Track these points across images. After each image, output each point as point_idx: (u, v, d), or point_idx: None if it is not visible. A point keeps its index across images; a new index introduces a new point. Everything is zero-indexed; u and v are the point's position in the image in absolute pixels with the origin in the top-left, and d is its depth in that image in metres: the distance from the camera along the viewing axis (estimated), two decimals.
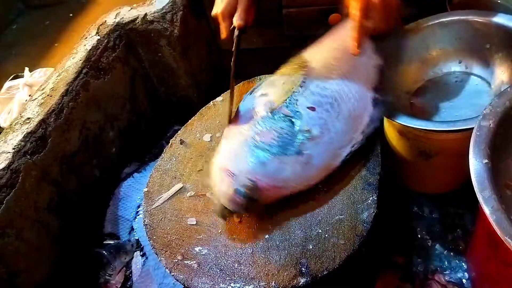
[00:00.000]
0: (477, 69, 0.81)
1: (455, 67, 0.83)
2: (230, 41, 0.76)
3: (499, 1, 0.89)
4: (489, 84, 0.79)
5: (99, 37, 0.98)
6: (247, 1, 0.74)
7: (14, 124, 0.82)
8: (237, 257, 0.61)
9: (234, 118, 0.70)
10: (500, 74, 0.77)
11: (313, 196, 0.65)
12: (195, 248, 0.64)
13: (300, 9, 1.03)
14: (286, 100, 0.65)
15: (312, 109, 0.65)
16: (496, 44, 0.77)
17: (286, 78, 0.69)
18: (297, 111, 0.65)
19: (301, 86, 0.67)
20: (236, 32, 0.75)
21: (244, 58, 0.81)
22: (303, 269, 0.58)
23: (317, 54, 0.72)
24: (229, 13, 0.75)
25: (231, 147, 0.64)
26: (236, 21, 0.75)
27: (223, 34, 0.76)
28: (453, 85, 0.81)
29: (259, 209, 0.63)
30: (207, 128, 0.82)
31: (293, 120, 0.64)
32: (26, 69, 1.52)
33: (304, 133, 0.63)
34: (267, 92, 0.69)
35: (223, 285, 0.59)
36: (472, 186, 0.50)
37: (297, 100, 0.65)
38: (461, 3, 0.88)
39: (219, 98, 0.87)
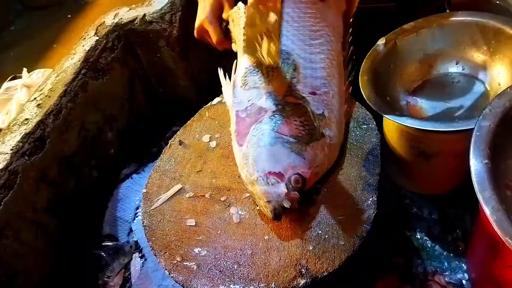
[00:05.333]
0: (474, 70, 0.81)
1: (452, 68, 0.83)
2: (225, 42, 0.75)
3: (497, 2, 0.89)
4: (485, 85, 0.79)
5: (97, 38, 0.97)
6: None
7: (12, 125, 0.82)
8: (237, 258, 0.61)
9: (238, 120, 0.68)
10: (496, 76, 0.77)
11: (312, 197, 0.65)
12: (195, 249, 0.63)
13: None
14: (287, 88, 0.66)
15: (313, 93, 0.67)
16: (493, 46, 0.78)
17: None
18: (303, 97, 0.66)
19: (294, 70, 0.67)
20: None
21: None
22: (303, 270, 0.57)
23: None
24: (215, 16, 0.75)
25: (261, 151, 0.62)
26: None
27: (215, 37, 0.75)
28: (450, 86, 0.82)
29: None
30: (206, 129, 0.81)
31: (304, 105, 0.65)
32: (24, 70, 1.51)
33: (319, 117, 0.65)
34: (257, 84, 0.68)
35: (223, 287, 0.58)
36: (472, 186, 0.50)
37: (295, 85, 0.66)
38: (460, 4, 0.88)
39: (218, 99, 0.87)
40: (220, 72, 0.77)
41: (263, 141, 0.62)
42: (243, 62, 0.72)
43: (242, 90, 0.69)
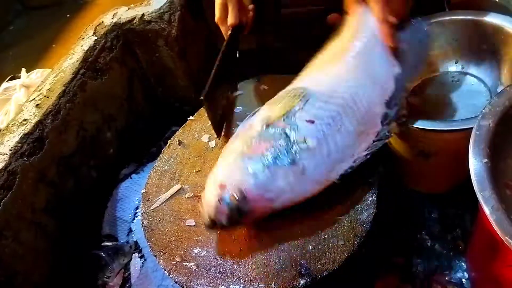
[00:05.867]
0: (473, 69, 0.81)
1: (451, 67, 0.83)
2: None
3: (497, 0, 0.89)
4: (485, 84, 0.79)
5: (96, 38, 0.97)
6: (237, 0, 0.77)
7: (11, 125, 0.82)
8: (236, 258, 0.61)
9: (233, 137, 0.68)
10: (496, 74, 0.77)
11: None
12: (194, 250, 0.63)
13: (298, 9, 1.02)
14: (284, 114, 0.63)
15: (311, 122, 0.62)
16: (493, 44, 0.77)
17: (286, 96, 0.66)
18: (294, 124, 0.62)
19: (301, 101, 0.63)
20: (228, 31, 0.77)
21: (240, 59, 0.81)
22: (303, 270, 0.57)
23: (323, 69, 0.68)
24: (225, 17, 0.78)
25: (226, 162, 0.63)
26: (228, 20, 0.77)
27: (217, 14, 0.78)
28: (450, 85, 0.81)
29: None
30: (205, 129, 0.81)
31: (287, 131, 0.61)
32: (23, 70, 1.51)
33: (299, 144, 0.60)
34: (266, 113, 0.66)
35: (222, 287, 0.58)
36: (472, 185, 0.50)
37: (295, 113, 0.62)
38: (460, 2, 0.88)
39: None
40: None
41: (230, 154, 0.63)
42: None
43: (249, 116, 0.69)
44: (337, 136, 0.62)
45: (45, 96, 0.86)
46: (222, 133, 0.79)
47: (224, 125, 0.80)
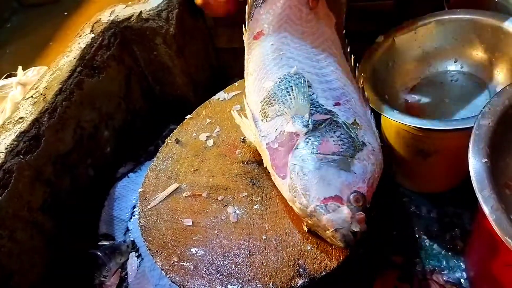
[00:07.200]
0: (472, 68, 0.81)
1: (450, 66, 0.83)
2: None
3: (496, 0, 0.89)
4: (484, 83, 0.79)
5: (93, 35, 0.96)
6: None
7: (7, 123, 0.81)
8: (234, 258, 0.61)
9: (272, 153, 0.62)
10: (495, 74, 0.77)
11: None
12: (191, 249, 0.63)
13: None
14: (310, 107, 0.62)
15: (338, 104, 0.64)
16: (492, 43, 0.77)
17: (279, 85, 0.66)
18: (330, 110, 0.62)
19: (309, 87, 0.65)
20: None
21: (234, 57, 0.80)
22: (301, 270, 0.57)
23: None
24: None
25: (309, 178, 0.56)
26: None
27: None
28: (449, 84, 0.81)
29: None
30: (203, 128, 0.81)
31: (335, 119, 0.61)
32: (20, 67, 1.50)
33: (353, 126, 0.61)
34: (279, 112, 0.63)
35: (220, 287, 0.58)
36: (470, 185, 0.50)
37: (318, 101, 0.63)
38: (459, 1, 0.87)
39: (215, 97, 0.86)
40: (234, 113, 0.73)
41: (306, 167, 0.57)
42: (255, 97, 0.69)
43: (264, 123, 0.65)
44: (358, 108, 0.65)
45: (41, 94, 0.86)
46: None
47: None
